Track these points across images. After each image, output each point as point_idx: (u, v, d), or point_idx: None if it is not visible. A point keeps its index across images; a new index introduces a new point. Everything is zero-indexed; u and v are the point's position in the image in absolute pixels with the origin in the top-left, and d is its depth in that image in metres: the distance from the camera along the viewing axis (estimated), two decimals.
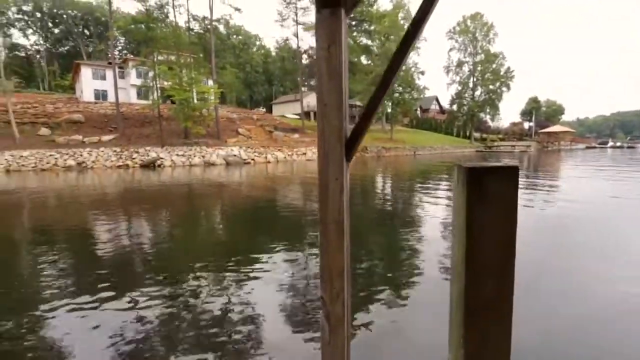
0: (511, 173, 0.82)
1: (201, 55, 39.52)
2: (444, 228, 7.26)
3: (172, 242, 6.88)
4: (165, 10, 41.20)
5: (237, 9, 40.59)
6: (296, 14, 46.06)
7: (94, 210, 10.38)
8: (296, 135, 39.02)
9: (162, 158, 27.24)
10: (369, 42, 52.44)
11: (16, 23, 61.32)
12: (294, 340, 3.15)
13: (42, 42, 65.58)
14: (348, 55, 1.18)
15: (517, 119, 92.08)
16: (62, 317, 3.58)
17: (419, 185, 15.66)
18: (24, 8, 61.21)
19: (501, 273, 0.84)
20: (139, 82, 40.17)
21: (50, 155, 26.38)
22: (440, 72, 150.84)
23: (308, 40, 53.15)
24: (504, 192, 0.82)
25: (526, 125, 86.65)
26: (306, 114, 49.45)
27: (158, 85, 34.31)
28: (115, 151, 28.10)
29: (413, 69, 49.42)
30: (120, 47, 65.31)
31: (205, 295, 4.07)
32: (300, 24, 46.27)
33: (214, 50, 37.56)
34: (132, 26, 47.00)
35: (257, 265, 5.07)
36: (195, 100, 32.79)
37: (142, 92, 40.58)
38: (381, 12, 49.14)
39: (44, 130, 31.25)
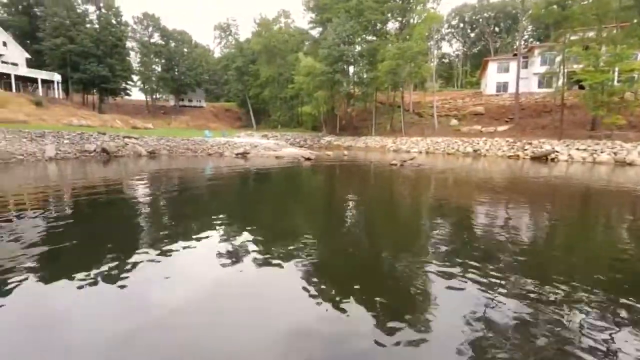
0: None
1: (635, 21, 30.63)
2: None
3: (553, 248, 6.29)
4: None
5: None
6: None
7: (484, 192, 11.54)
8: None
9: (557, 151, 24.77)
10: None
11: (446, 37, 77.10)
12: None
13: (460, 47, 78.48)
14: None
15: None
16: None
17: None
18: (453, 22, 75.37)
19: None
20: (542, 69, 38.07)
21: (455, 142, 31.74)
22: None
23: None
24: None
25: None
26: None
27: (565, 70, 30.82)
28: (507, 141, 28.99)
29: None
30: (526, 37, 64.53)
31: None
32: None
33: None
34: (543, 10, 44.66)
35: None
36: (616, 82, 26.43)
37: (545, 80, 38.21)
38: None
39: (454, 122, 37.97)
